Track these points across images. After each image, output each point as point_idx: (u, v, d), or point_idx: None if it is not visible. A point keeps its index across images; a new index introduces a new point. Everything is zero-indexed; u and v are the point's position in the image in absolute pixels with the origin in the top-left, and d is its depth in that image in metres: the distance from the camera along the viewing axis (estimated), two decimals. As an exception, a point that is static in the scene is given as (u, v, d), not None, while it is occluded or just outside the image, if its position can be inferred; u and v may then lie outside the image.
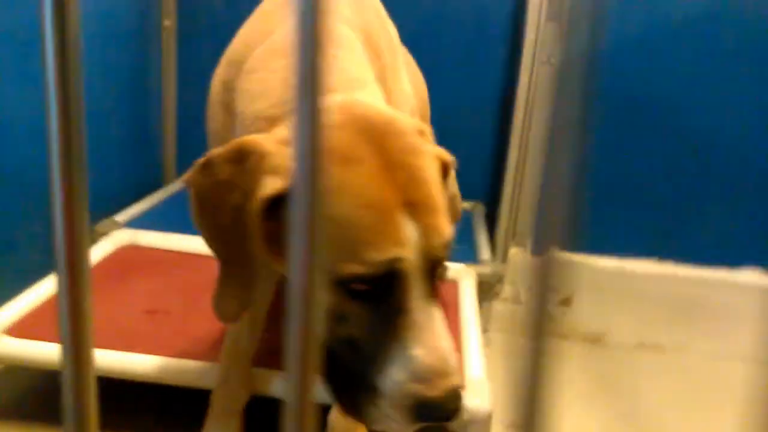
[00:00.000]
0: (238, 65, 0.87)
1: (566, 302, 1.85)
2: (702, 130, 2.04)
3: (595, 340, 1.65)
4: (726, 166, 2.05)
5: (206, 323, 1.29)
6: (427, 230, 0.66)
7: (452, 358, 0.65)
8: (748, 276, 2.06)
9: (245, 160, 0.69)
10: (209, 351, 1.19)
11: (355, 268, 0.64)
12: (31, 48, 1.44)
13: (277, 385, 1.11)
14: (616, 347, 1.62)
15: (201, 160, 0.73)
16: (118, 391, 1.28)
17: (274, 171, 0.67)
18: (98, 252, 1.54)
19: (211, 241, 0.74)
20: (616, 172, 2.10)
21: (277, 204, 0.66)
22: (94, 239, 1.63)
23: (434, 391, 0.63)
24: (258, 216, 0.67)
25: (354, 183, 0.64)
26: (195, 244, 1.61)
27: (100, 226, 1.67)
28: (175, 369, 1.13)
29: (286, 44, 0.81)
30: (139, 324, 1.28)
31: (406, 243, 0.64)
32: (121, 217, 1.74)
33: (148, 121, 2.11)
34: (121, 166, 1.94)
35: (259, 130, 0.75)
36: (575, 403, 1.37)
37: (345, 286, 0.65)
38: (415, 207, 0.66)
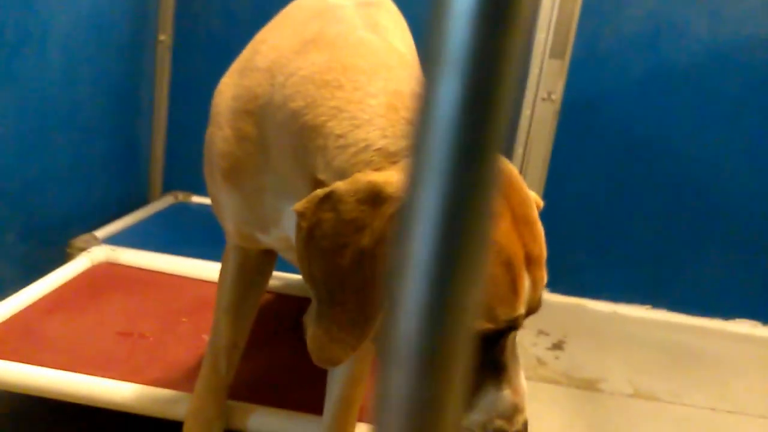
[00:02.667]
0: (273, 75, 0.80)
1: (559, 345, 1.80)
2: (699, 178, 2.02)
3: (589, 386, 1.59)
4: (722, 216, 2.03)
5: (182, 349, 1.23)
6: (535, 283, 0.68)
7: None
8: (742, 327, 2.05)
9: (382, 204, 0.65)
10: (184, 379, 1.12)
11: (486, 325, 0.65)
12: (15, 49, 1.39)
13: (255, 421, 1.05)
14: (611, 394, 1.57)
15: (320, 192, 0.67)
16: (86, 418, 1.20)
17: None
18: (73, 268, 1.47)
19: (317, 282, 0.68)
20: (612, 216, 2.07)
21: None
22: (71, 254, 1.57)
23: (514, 426, 0.69)
24: None
25: (496, 239, 0.65)
26: (176, 264, 1.55)
27: (78, 240, 1.60)
28: (148, 397, 1.06)
29: (382, 64, 0.75)
30: (111, 346, 1.21)
31: (525, 299, 0.67)
32: (101, 232, 1.68)
33: (137, 136, 2.06)
34: (105, 181, 1.88)
35: (368, 162, 0.69)
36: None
37: None
38: (532, 261, 0.67)
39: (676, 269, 2.06)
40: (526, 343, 1.78)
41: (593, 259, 2.08)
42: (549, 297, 2.05)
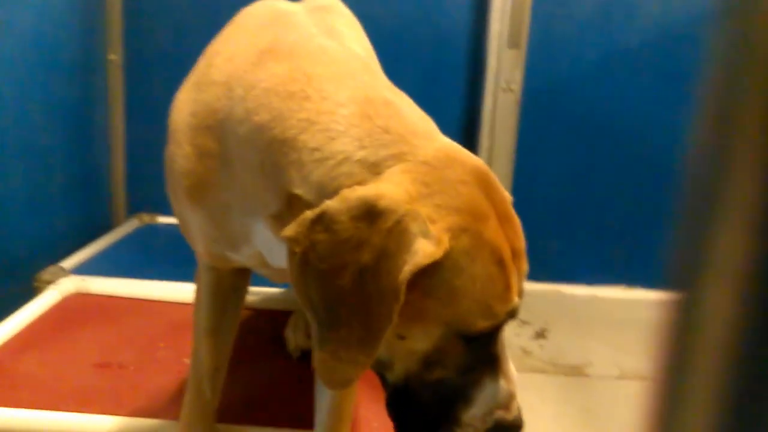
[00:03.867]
0: (231, 88, 0.78)
1: (542, 334, 1.80)
2: (663, 155, 2.05)
3: (576, 372, 1.60)
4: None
5: (164, 376, 1.20)
6: (521, 275, 0.69)
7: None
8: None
9: (378, 219, 0.63)
10: (169, 407, 1.09)
11: (485, 322, 0.66)
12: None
13: (246, 442, 1.03)
14: (598, 378, 1.58)
15: (310, 214, 0.65)
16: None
17: (425, 235, 0.63)
18: (43, 302, 1.42)
19: (316, 305, 0.66)
20: (581, 200, 2.09)
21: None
22: (38, 288, 1.52)
23: (511, 413, 0.70)
24: (405, 282, 0.62)
25: (489, 240, 0.66)
26: (148, 288, 1.52)
27: (45, 273, 1.56)
28: (133, 428, 1.03)
29: (346, 71, 0.74)
30: (90, 380, 1.18)
31: (516, 291, 0.68)
32: (68, 263, 1.64)
33: (96, 159, 2.01)
34: (66, 208, 1.83)
35: (349, 175, 0.68)
36: (563, 441, 1.32)
37: (463, 335, 0.67)
38: (516, 255, 0.69)
39: (648, 247, 2.09)
40: (510, 333, 1.78)
41: (566, 244, 2.10)
42: (527, 286, 2.05)
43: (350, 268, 0.64)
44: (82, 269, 1.62)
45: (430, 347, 0.68)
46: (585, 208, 2.09)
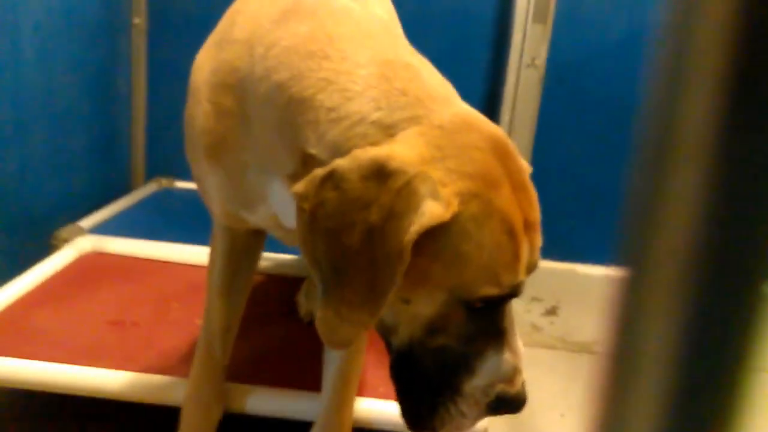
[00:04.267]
0: (252, 47, 0.77)
1: (552, 311, 1.80)
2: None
3: (584, 349, 1.60)
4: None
5: (176, 335, 1.21)
6: (533, 247, 0.69)
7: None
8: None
9: (388, 179, 0.63)
10: (180, 365, 1.11)
11: (490, 290, 0.66)
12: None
13: (254, 402, 1.04)
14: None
15: (320, 171, 0.65)
16: (82, 409, 1.19)
17: (434, 196, 0.63)
18: (60, 259, 1.44)
19: (321, 264, 0.66)
20: (601, 179, 2.07)
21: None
22: (56, 246, 1.54)
23: (514, 387, 0.69)
24: (411, 243, 0.62)
25: (500, 208, 0.65)
26: (164, 250, 1.53)
27: (62, 232, 1.58)
28: (143, 385, 1.05)
29: (366, 32, 0.73)
30: (104, 336, 1.20)
31: (525, 264, 0.68)
32: (86, 222, 1.65)
33: (117, 123, 2.02)
34: (87, 170, 1.85)
35: (363, 136, 0.68)
36: (570, 414, 1.32)
37: (466, 303, 0.67)
38: (529, 227, 0.68)
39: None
40: (520, 310, 1.78)
41: (583, 223, 2.08)
42: (541, 263, 2.04)
43: (357, 227, 0.64)
44: (100, 229, 1.63)
45: (434, 312, 0.67)
46: (603, 187, 2.07)
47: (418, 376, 0.71)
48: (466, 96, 0.76)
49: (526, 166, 0.71)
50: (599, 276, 2.06)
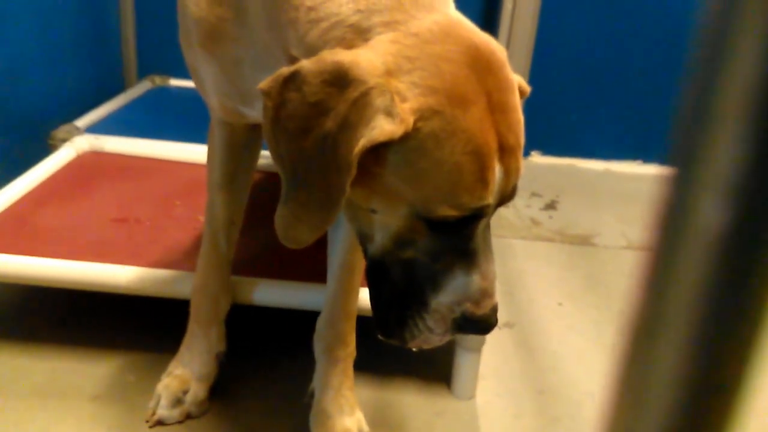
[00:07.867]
0: None
1: (552, 206, 1.81)
2: (690, 31, 1.96)
3: (583, 241, 1.62)
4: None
5: (180, 231, 1.23)
6: (508, 173, 0.66)
7: (496, 280, 0.71)
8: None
9: (347, 87, 0.61)
10: (185, 259, 1.12)
11: (448, 211, 0.64)
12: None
13: (260, 294, 1.06)
14: (604, 248, 1.60)
15: (285, 71, 0.63)
16: (89, 304, 1.21)
17: (388, 112, 0.61)
18: (58, 159, 1.44)
19: (284, 162, 0.66)
20: (602, 74, 2.03)
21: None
22: (53, 146, 1.53)
23: (482, 309, 0.69)
24: (358, 156, 0.61)
25: (466, 128, 0.62)
26: (162, 149, 1.52)
27: (59, 131, 1.56)
28: (150, 279, 1.07)
29: None
30: (107, 233, 1.21)
31: (494, 189, 0.65)
32: (81, 122, 1.63)
33: (106, 18, 1.96)
34: (78, 68, 1.80)
35: (340, 39, 0.65)
36: (567, 302, 1.35)
37: (427, 220, 0.66)
38: (506, 151, 0.65)
39: (667, 123, 2.05)
40: (520, 205, 1.79)
41: (584, 118, 2.06)
42: (540, 159, 2.04)
43: (314, 133, 0.63)
44: (95, 129, 1.62)
45: (399, 224, 0.67)
46: (605, 81, 2.04)
47: (389, 286, 0.71)
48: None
49: (512, 85, 0.67)
50: (599, 170, 2.07)
